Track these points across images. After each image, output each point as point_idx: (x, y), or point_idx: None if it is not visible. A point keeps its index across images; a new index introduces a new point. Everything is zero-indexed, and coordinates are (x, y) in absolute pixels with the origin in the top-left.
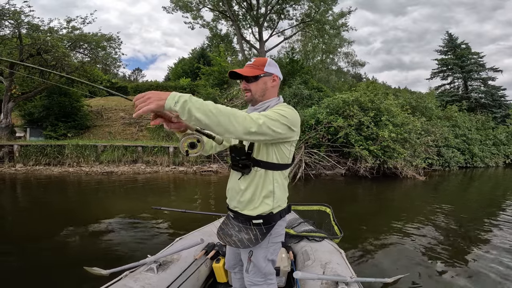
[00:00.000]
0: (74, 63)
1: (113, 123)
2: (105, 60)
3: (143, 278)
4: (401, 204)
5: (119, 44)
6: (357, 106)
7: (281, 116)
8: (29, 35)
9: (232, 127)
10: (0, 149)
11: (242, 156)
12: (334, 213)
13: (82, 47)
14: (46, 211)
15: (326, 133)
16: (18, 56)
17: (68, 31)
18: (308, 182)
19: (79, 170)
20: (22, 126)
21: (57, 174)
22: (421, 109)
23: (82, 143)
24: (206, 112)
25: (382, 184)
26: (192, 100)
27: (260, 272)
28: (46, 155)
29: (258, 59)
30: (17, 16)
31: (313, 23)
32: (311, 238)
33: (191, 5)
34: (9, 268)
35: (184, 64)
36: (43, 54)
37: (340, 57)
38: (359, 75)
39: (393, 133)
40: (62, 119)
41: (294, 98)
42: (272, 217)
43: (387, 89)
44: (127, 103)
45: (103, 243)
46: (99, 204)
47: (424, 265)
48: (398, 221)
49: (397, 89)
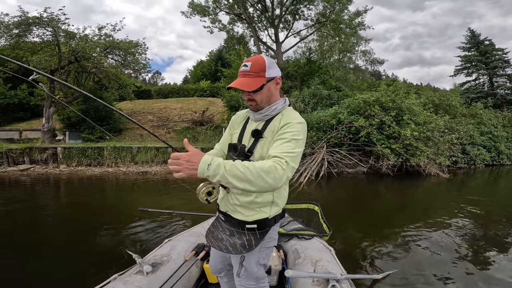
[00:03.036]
0: (111, 70)
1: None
2: (134, 65)
3: (132, 280)
4: (421, 201)
5: (145, 49)
6: (378, 106)
7: (297, 142)
8: (66, 43)
9: (266, 184)
10: (45, 151)
11: (241, 157)
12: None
13: (115, 53)
14: (88, 207)
15: (347, 133)
16: (58, 63)
17: (100, 38)
18: (330, 180)
19: (117, 170)
20: (61, 129)
21: (98, 174)
22: (444, 107)
23: (119, 145)
24: (238, 175)
25: (404, 182)
26: (224, 167)
27: (251, 276)
28: (87, 156)
29: (254, 63)
30: (55, 23)
31: (329, 23)
32: (301, 236)
33: (208, 9)
34: (54, 253)
35: (203, 66)
36: (83, 61)
37: (357, 55)
38: (378, 73)
39: (415, 132)
40: (97, 122)
41: (313, 98)
42: (267, 222)
43: (409, 87)
44: (154, 106)
45: (130, 236)
46: (134, 201)
47: (436, 265)
48: (414, 218)
49: (419, 86)
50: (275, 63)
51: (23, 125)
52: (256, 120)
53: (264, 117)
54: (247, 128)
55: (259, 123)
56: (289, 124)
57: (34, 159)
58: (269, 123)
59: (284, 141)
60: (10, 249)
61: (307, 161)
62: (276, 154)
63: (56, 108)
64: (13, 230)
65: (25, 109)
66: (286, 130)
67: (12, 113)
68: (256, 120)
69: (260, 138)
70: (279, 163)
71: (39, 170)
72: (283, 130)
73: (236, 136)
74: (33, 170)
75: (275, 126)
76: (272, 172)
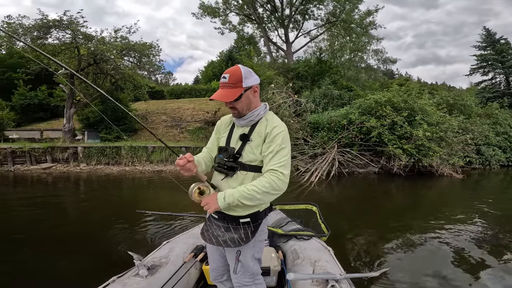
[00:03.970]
0: (127, 72)
1: (156, 126)
2: (149, 67)
3: (131, 283)
4: (432, 201)
5: (158, 51)
6: (389, 107)
7: (284, 150)
8: (85, 45)
9: (272, 195)
10: (66, 151)
11: (230, 159)
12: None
13: (130, 55)
14: (104, 205)
15: (358, 133)
16: (77, 66)
17: (116, 40)
18: (341, 179)
19: (134, 169)
20: (81, 129)
21: (116, 172)
22: (459, 106)
23: (135, 145)
24: (247, 197)
25: (416, 182)
26: (234, 196)
27: (248, 272)
28: (105, 155)
29: (232, 75)
30: (74, 26)
31: (339, 22)
32: (300, 236)
33: (219, 10)
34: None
35: (213, 67)
36: (101, 63)
37: (369, 54)
38: (391, 72)
39: (428, 132)
40: (114, 122)
41: (324, 98)
42: (259, 215)
43: (423, 86)
44: (167, 106)
45: (133, 236)
46: (149, 199)
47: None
48: (423, 218)
49: (434, 85)
50: (252, 73)
51: (44, 125)
52: (241, 125)
53: (249, 123)
54: (234, 132)
55: (245, 128)
56: (273, 135)
57: (56, 158)
58: (255, 127)
59: (273, 154)
60: (18, 245)
61: (318, 161)
62: (270, 168)
63: (76, 108)
64: (26, 226)
65: (45, 109)
66: (272, 142)
67: (32, 113)
68: (241, 126)
69: (248, 141)
70: (275, 175)
71: (61, 168)
72: (269, 140)
73: (223, 139)
74: (55, 168)
75: (261, 130)
76: (273, 185)
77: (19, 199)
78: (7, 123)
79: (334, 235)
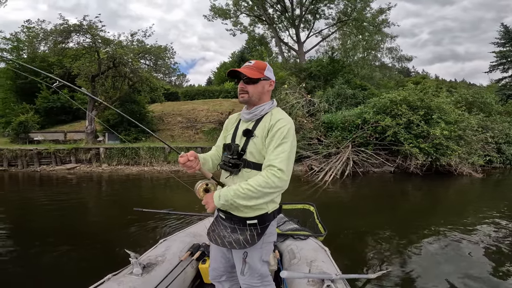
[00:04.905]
0: (145, 74)
1: (172, 127)
2: (165, 69)
3: (127, 281)
4: (449, 201)
5: (173, 54)
6: (405, 105)
7: (286, 144)
8: (104, 49)
9: (269, 194)
10: (89, 152)
11: (234, 156)
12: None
13: (146, 58)
14: (124, 202)
15: (373, 132)
16: (98, 69)
17: (132, 43)
18: (356, 179)
19: (152, 169)
20: (101, 131)
21: (136, 172)
22: (478, 104)
23: (153, 145)
24: (242, 196)
25: (434, 181)
26: (228, 195)
27: (255, 273)
28: (125, 156)
29: (258, 62)
30: (94, 31)
31: (351, 21)
32: (296, 236)
33: (229, 12)
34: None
35: (226, 68)
36: (120, 66)
37: (383, 52)
38: (407, 70)
39: (445, 131)
40: (133, 124)
41: (337, 98)
42: (267, 217)
43: (440, 84)
44: (182, 108)
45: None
46: (164, 197)
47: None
48: (437, 218)
49: (452, 83)
50: (272, 70)
51: (66, 127)
52: (246, 120)
53: (253, 117)
54: (239, 128)
55: (250, 123)
56: (276, 128)
57: (80, 158)
58: (259, 123)
59: (274, 148)
60: (34, 242)
61: (332, 161)
62: (269, 163)
63: (97, 111)
64: (49, 225)
65: (67, 112)
66: (274, 135)
67: (55, 116)
68: (246, 121)
69: (251, 137)
70: (272, 172)
71: (84, 169)
72: (271, 134)
73: (229, 137)
74: (79, 168)
75: (265, 125)
76: (269, 183)
77: (38, 198)
78: (31, 126)
79: (344, 234)
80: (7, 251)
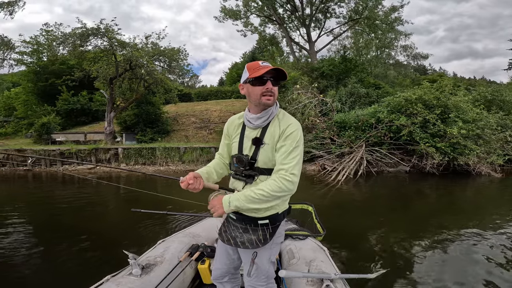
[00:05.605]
0: (160, 76)
1: (187, 128)
2: (179, 71)
3: (126, 282)
4: (465, 201)
5: (186, 55)
6: (421, 104)
7: (297, 149)
8: (120, 51)
9: (280, 198)
10: (108, 152)
11: (247, 167)
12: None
13: (160, 60)
14: (139, 200)
15: (387, 131)
16: (115, 71)
17: (146, 46)
18: (369, 178)
19: (168, 168)
20: (119, 132)
21: (152, 172)
22: (497, 103)
23: (168, 146)
24: (254, 201)
25: (451, 181)
26: (240, 200)
27: (262, 274)
28: (142, 156)
29: (277, 67)
30: (111, 34)
31: (363, 19)
32: (295, 236)
33: (240, 13)
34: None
35: (238, 68)
36: (137, 68)
37: (397, 50)
38: (423, 67)
39: (463, 130)
40: (149, 125)
41: (350, 97)
42: (278, 217)
43: (458, 82)
44: (196, 109)
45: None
46: (180, 197)
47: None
48: (452, 219)
49: (471, 80)
50: None
51: (86, 128)
52: (254, 127)
53: (263, 123)
54: (246, 136)
55: (258, 131)
56: (288, 133)
57: (99, 158)
58: (267, 129)
59: (286, 154)
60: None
61: (345, 160)
62: (281, 168)
63: (115, 112)
64: (66, 222)
65: (87, 113)
66: (286, 140)
67: (75, 117)
68: (254, 128)
69: (261, 145)
70: (284, 177)
71: (104, 168)
72: (283, 139)
73: (235, 145)
74: (99, 168)
75: (275, 131)
76: (282, 188)
77: (57, 196)
78: (53, 127)
79: (354, 233)
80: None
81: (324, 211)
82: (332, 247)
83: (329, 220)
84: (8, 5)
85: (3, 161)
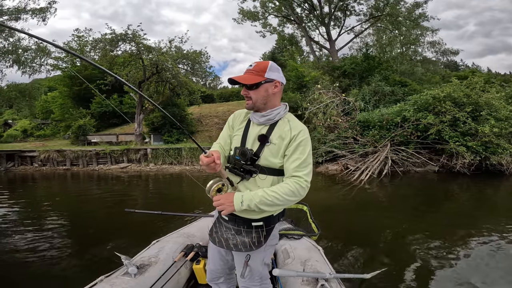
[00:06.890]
0: (184, 79)
1: (210, 128)
2: (201, 73)
3: (120, 282)
4: (498, 202)
5: (207, 58)
6: (450, 102)
7: (309, 155)
8: (147, 56)
9: (293, 202)
10: (138, 152)
11: (248, 162)
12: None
13: (183, 63)
14: (164, 197)
15: (414, 130)
16: (143, 75)
17: (170, 49)
18: (395, 178)
19: (193, 168)
20: (147, 133)
21: (178, 171)
22: None
23: (194, 146)
24: (268, 204)
25: (482, 181)
26: (253, 200)
27: (256, 276)
28: (169, 156)
29: (258, 64)
30: (138, 39)
31: (384, 16)
32: (290, 236)
33: (258, 14)
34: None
35: None
36: (163, 71)
37: (424, 47)
38: (454, 63)
39: (495, 128)
40: (174, 126)
41: (374, 96)
42: (273, 220)
43: (492, 78)
44: (219, 109)
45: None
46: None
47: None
48: (478, 221)
49: (507, 76)
50: (279, 70)
51: (117, 130)
52: (259, 124)
53: (267, 121)
54: (250, 131)
55: (263, 127)
56: (300, 140)
57: (131, 158)
58: (274, 128)
59: (300, 161)
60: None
61: (369, 160)
62: (295, 174)
63: (144, 114)
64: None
65: (118, 116)
66: (298, 147)
67: (107, 119)
68: (259, 124)
69: (267, 143)
70: (299, 183)
71: (134, 168)
72: (295, 145)
73: (238, 138)
74: (130, 168)
75: (284, 133)
76: (295, 193)
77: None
78: (89, 129)
79: (370, 233)
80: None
81: (344, 210)
82: (344, 247)
83: (347, 220)
84: (41, 11)
85: (44, 161)
